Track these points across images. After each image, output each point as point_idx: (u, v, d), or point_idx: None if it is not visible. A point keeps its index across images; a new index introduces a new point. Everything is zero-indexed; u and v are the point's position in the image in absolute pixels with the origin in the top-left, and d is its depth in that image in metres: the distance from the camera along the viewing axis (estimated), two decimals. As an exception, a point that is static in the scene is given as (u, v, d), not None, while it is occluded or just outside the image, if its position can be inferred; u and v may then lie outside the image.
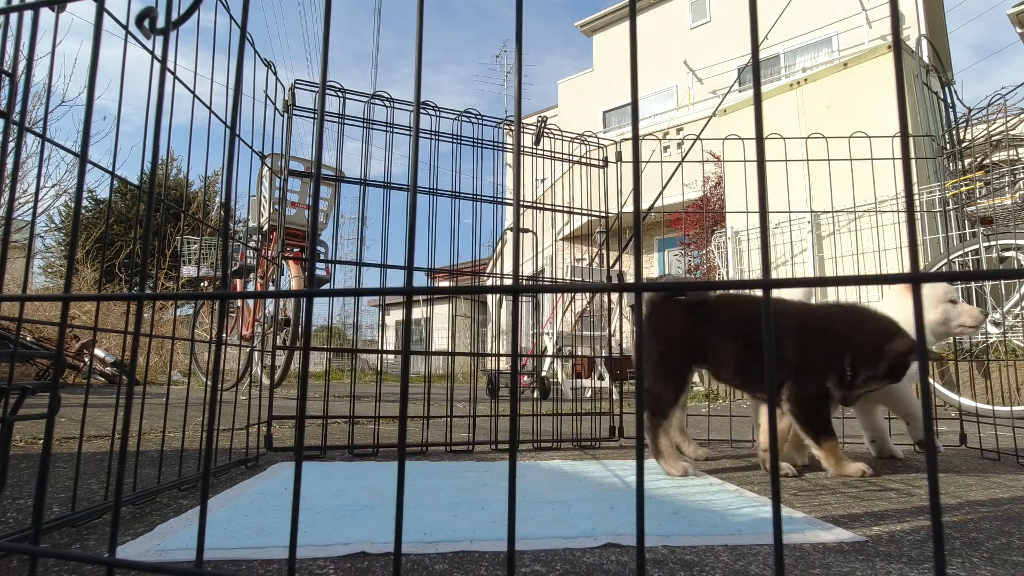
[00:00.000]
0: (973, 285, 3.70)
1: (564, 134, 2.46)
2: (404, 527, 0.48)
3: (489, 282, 5.35)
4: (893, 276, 0.42)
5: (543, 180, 2.77)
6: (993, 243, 3.48)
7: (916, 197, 4.27)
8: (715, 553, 0.95)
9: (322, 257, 3.66)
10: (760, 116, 0.40)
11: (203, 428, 1.89)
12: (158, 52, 0.88)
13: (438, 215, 2.18)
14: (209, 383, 1.89)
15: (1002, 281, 3.68)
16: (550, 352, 5.80)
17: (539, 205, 2.48)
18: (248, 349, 4.09)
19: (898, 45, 0.38)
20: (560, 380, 5.60)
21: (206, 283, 5.04)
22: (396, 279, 2.28)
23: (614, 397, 2.88)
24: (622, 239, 3.00)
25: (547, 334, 6.03)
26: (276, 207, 3.49)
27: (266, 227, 3.78)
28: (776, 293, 1.90)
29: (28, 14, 0.74)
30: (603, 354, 5.40)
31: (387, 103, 2.11)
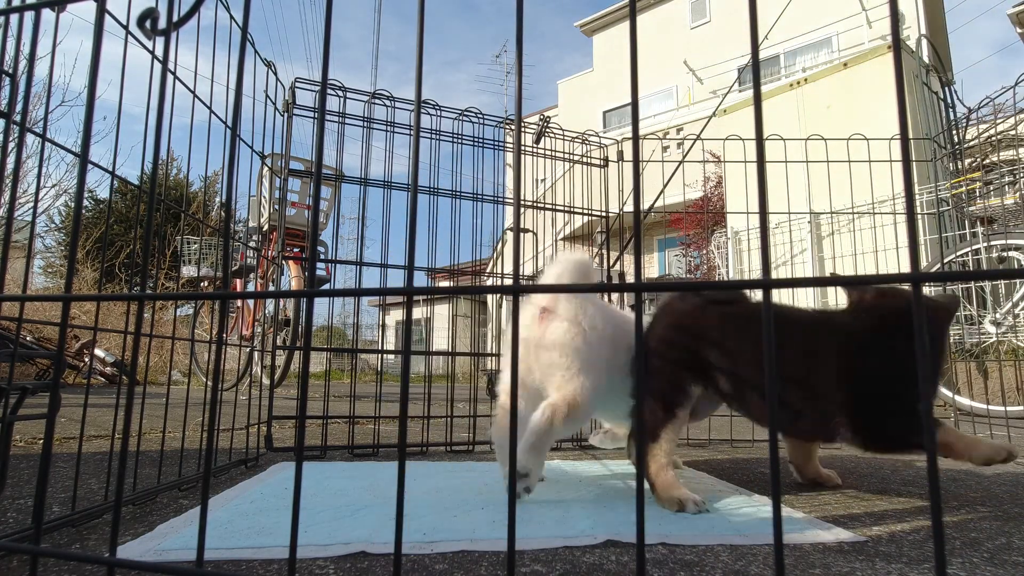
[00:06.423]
0: (973, 285, 3.71)
1: (565, 133, 2.46)
2: (404, 527, 0.48)
3: (489, 282, 5.35)
4: (893, 276, 0.42)
5: (543, 180, 2.77)
6: (993, 243, 3.48)
7: (916, 197, 4.27)
8: (715, 553, 0.95)
9: (322, 257, 3.66)
10: (760, 116, 0.40)
11: (203, 428, 1.89)
12: (159, 52, 0.88)
13: (439, 215, 2.18)
14: (209, 383, 1.90)
15: (1001, 281, 3.68)
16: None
17: (539, 205, 2.48)
18: (248, 349, 4.09)
19: (898, 45, 0.38)
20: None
21: (206, 283, 5.04)
22: (396, 279, 2.28)
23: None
24: (622, 239, 3.00)
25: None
26: (276, 207, 3.49)
27: (266, 227, 3.78)
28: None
29: (29, 14, 0.74)
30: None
31: (388, 102, 2.11)
